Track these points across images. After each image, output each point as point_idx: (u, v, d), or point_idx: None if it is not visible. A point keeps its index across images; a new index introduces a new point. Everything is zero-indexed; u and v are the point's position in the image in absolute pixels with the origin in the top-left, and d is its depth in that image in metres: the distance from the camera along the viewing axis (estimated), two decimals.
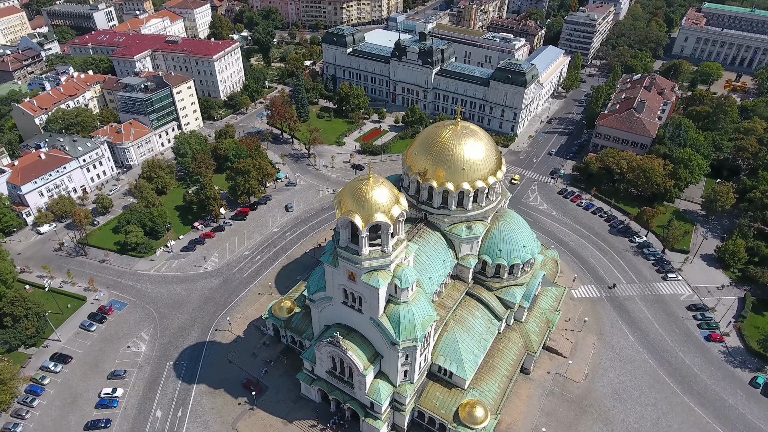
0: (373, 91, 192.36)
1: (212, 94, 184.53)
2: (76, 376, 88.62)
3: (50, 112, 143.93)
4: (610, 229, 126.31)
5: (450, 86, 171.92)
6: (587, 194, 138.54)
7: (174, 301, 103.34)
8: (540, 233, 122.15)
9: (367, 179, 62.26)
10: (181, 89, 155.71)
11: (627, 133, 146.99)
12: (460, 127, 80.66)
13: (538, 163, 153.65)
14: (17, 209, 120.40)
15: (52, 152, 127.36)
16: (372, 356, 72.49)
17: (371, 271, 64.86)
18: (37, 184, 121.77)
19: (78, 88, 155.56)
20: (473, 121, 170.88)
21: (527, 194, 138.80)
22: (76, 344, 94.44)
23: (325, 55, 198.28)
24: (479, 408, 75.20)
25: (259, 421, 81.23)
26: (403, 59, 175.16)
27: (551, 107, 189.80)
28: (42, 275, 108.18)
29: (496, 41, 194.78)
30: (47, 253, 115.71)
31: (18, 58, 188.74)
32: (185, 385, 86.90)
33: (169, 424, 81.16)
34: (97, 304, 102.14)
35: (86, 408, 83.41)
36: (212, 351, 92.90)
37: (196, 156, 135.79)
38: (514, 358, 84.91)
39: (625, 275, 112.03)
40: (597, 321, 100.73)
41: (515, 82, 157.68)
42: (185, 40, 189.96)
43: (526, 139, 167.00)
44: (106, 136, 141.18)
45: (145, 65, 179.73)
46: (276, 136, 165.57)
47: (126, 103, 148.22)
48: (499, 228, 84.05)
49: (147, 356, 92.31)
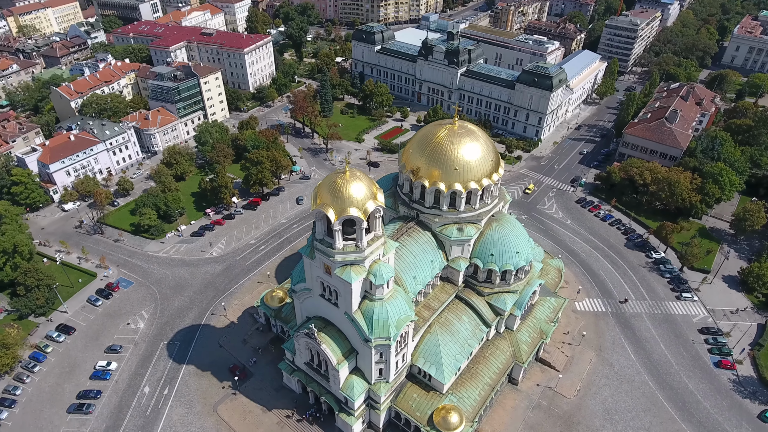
0: (399, 90, 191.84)
1: (242, 86, 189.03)
2: (77, 348, 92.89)
3: (85, 96, 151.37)
4: (627, 242, 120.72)
5: (475, 87, 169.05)
6: (607, 205, 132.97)
7: (177, 284, 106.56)
8: (550, 242, 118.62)
9: (344, 173, 61.99)
10: (208, 80, 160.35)
11: (656, 143, 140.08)
12: (457, 126, 79.18)
13: (559, 170, 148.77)
14: (45, 186, 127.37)
15: (81, 134, 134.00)
16: (347, 351, 72.16)
17: (345, 266, 64.59)
18: (64, 163, 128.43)
19: (114, 75, 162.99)
20: (497, 124, 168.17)
21: (543, 201, 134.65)
22: (81, 317, 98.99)
23: (354, 52, 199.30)
24: (455, 414, 73.57)
25: (240, 406, 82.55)
26: (430, 58, 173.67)
27: (582, 114, 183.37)
28: (59, 250, 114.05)
29: (529, 43, 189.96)
30: (68, 229, 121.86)
31: (66, 45, 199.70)
32: (175, 365, 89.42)
33: (155, 401, 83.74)
34: (105, 281, 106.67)
35: (81, 378, 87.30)
36: (205, 334, 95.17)
37: (216, 145, 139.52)
38: (500, 367, 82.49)
39: (636, 291, 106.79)
40: (598, 336, 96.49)
41: (541, 86, 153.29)
42: (219, 32, 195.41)
43: (550, 145, 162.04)
44: (135, 122, 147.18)
45: (181, 56, 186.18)
46: (297, 129, 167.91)
47: (155, 91, 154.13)
48: (493, 232, 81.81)
49: (144, 334, 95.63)
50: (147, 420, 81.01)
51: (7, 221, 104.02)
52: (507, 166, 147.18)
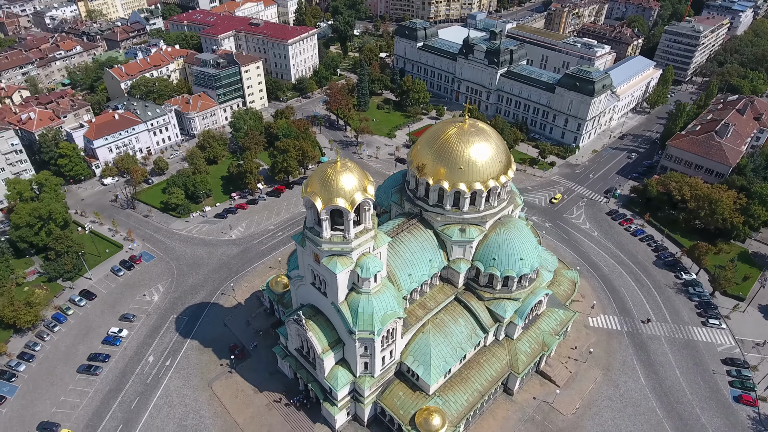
0: (438, 88, 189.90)
1: (284, 77, 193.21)
2: (95, 313, 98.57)
3: (135, 78, 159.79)
4: (656, 260, 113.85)
5: (514, 89, 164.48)
6: (640, 219, 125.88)
7: (194, 261, 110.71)
8: (571, 253, 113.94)
9: (335, 163, 62.08)
10: (249, 68, 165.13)
11: (701, 158, 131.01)
12: (468, 125, 77.40)
13: (594, 179, 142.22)
14: (89, 161, 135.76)
15: (125, 114, 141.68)
16: (334, 342, 72.40)
17: (332, 255, 64.77)
18: (107, 140, 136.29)
19: (163, 60, 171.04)
20: (534, 128, 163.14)
21: (571, 210, 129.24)
22: (103, 285, 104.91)
23: (396, 48, 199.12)
24: (437, 416, 72.20)
25: (233, 385, 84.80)
26: (470, 57, 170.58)
27: (629, 122, 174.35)
28: (93, 220, 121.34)
29: (577, 47, 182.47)
30: (104, 202, 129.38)
31: (126, 29, 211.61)
32: (180, 339, 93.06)
33: (156, 370, 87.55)
34: (130, 253, 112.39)
35: (94, 341, 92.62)
36: (212, 312, 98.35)
37: (248, 131, 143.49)
38: (494, 375, 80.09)
39: (657, 312, 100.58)
40: (608, 355, 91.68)
41: (582, 91, 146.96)
42: (267, 23, 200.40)
43: (588, 153, 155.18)
44: (177, 105, 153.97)
45: (229, 44, 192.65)
46: (332, 121, 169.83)
47: (198, 77, 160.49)
48: (498, 236, 79.35)
49: (157, 306, 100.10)
50: (146, 387, 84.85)
51: (47, 190, 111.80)
52: (538, 172, 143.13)
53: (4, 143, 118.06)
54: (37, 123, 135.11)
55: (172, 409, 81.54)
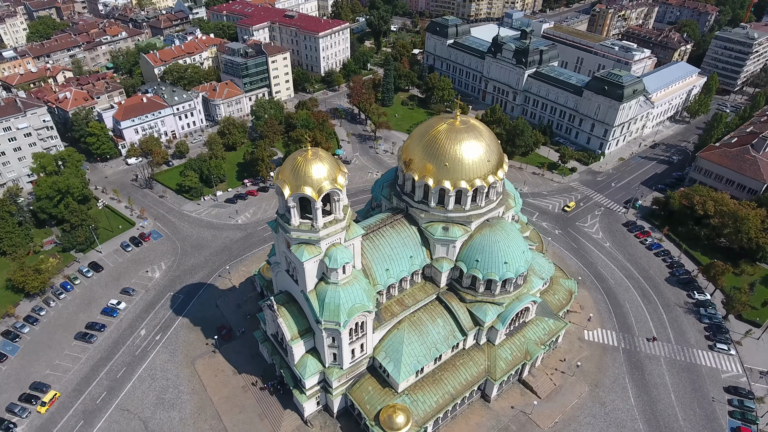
0: (466, 87, 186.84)
1: (314, 69, 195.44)
2: (100, 285, 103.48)
3: (168, 64, 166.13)
4: (670, 277, 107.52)
5: (541, 90, 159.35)
6: (658, 233, 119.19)
7: (198, 243, 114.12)
8: (577, 262, 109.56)
9: (307, 152, 62.19)
10: (276, 59, 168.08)
11: (733, 172, 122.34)
12: (459, 122, 75.61)
13: (615, 188, 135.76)
14: (116, 141, 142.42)
15: (153, 98, 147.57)
16: (304, 330, 72.70)
17: (300, 243, 65.02)
18: (134, 122, 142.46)
19: (197, 48, 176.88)
20: (560, 132, 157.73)
21: (585, 218, 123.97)
22: (111, 259, 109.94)
23: (426, 45, 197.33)
24: (402, 415, 71.24)
25: (215, 365, 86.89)
26: (498, 56, 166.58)
27: (664, 131, 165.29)
28: (113, 197, 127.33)
29: (614, 49, 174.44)
30: (126, 181, 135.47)
31: (170, 18, 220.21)
32: (173, 315, 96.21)
33: (146, 343, 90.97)
34: (140, 231, 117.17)
35: (94, 311, 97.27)
36: (207, 293, 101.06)
37: (268, 120, 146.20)
38: (468, 379, 78.10)
39: (661, 332, 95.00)
40: (598, 370, 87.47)
41: (610, 95, 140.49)
42: (301, 15, 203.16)
43: (614, 160, 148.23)
44: (204, 92, 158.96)
45: (263, 35, 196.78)
46: (354, 115, 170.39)
47: (227, 65, 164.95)
48: (483, 237, 77.16)
49: (156, 282, 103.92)
50: (134, 359, 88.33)
51: (69, 165, 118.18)
52: (557, 177, 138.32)
53: (36, 119, 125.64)
54: (71, 102, 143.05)
55: (154, 381, 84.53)
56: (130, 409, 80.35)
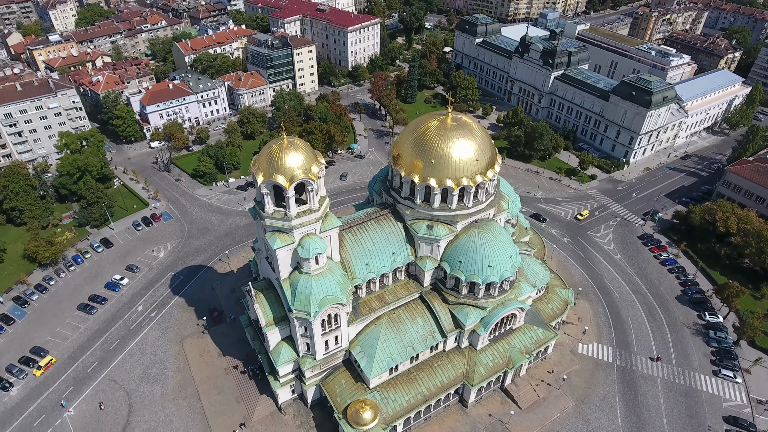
0: (492, 87, 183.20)
1: (341, 63, 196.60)
2: (107, 260, 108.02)
3: (198, 53, 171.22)
4: (681, 295, 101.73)
5: (567, 94, 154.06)
6: (675, 248, 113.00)
7: (204, 226, 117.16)
8: (581, 272, 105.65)
9: (283, 140, 62.51)
10: (301, 51, 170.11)
11: (764, 189, 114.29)
12: (450, 119, 74.07)
13: (636, 199, 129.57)
14: (141, 124, 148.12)
15: (179, 84, 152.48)
16: (280, 318, 73.16)
17: (274, 231, 65.55)
18: (159, 107, 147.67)
19: (227, 38, 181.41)
20: (584, 137, 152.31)
21: (598, 228, 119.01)
22: (122, 236, 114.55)
23: (455, 43, 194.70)
24: (369, 411, 70.67)
25: (202, 345, 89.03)
26: (525, 57, 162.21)
27: (699, 142, 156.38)
28: (132, 178, 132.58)
29: (651, 54, 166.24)
30: (147, 163, 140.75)
31: (208, 8, 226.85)
32: (170, 294, 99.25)
33: (141, 319, 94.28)
34: (153, 211, 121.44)
35: (98, 285, 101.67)
36: (205, 275, 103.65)
37: (287, 111, 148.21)
38: (444, 382, 76.61)
39: (663, 352, 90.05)
40: (587, 386, 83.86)
41: (638, 101, 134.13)
42: (332, 9, 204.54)
43: (639, 170, 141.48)
44: (230, 81, 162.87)
45: (294, 28, 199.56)
46: (375, 111, 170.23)
47: (253, 56, 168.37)
48: (468, 238, 75.36)
49: (160, 262, 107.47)
50: (128, 333, 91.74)
51: (91, 145, 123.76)
52: (574, 184, 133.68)
53: (66, 100, 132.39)
54: (103, 86, 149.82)
55: (143, 356, 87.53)
56: (116, 380, 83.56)
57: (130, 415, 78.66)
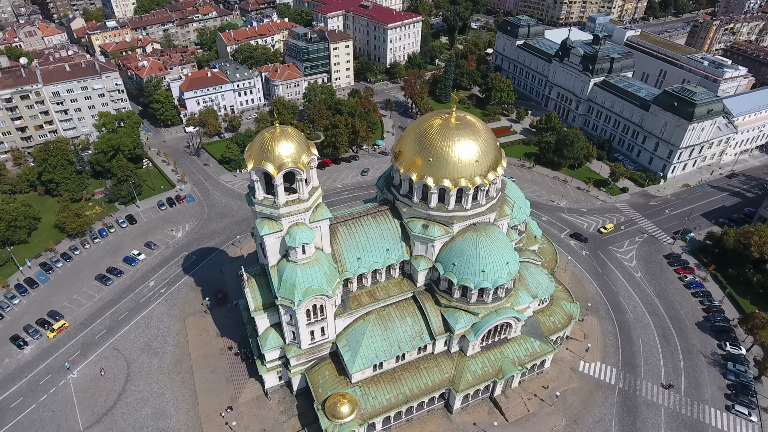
0: (530, 91, 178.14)
1: (380, 59, 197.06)
2: (129, 236, 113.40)
3: (240, 44, 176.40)
4: (703, 321, 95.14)
5: (606, 101, 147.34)
6: (704, 271, 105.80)
7: (223, 211, 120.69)
8: (595, 287, 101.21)
9: (275, 128, 63.26)
10: (338, 46, 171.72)
11: None
12: (454, 118, 72.60)
13: (668, 216, 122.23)
14: (179, 109, 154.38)
15: (217, 73, 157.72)
16: (269, 304, 74.05)
17: (263, 218, 66.53)
18: (196, 94, 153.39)
19: (270, 30, 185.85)
20: (621, 148, 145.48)
21: (622, 243, 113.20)
22: (146, 215, 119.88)
23: (496, 44, 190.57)
24: (347, 405, 70.51)
25: (202, 324, 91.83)
26: (565, 61, 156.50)
27: (750, 161, 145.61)
28: (164, 160, 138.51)
29: (703, 64, 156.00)
30: (179, 147, 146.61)
31: (258, 1, 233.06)
32: (180, 273, 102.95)
33: (150, 293, 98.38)
34: (177, 193, 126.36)
35: (117, 258, 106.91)
36: (217, 258, 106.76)
37: (317, 104, 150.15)
38: (429, 385, 75.27)
39: (674, 380, 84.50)
40: (584, 406, 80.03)
41: (680, 113, 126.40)
42: (375, 6, 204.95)
43: (677, 186, 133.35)
44: (267, 72, 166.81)
45: (337, 23, 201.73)
46: (407, 108, 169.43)
47: (291, 49, 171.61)
48: (464, 241, 73.58)
49: (177, 241, 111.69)
50: (137, 306, 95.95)
51: (126, 126, 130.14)
52: (602, 196, 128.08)
53: (109, 82, 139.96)
54: (147, 70, 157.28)
55: (147, 329, 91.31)
56: (119, 349, 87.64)
57: (127, 383, 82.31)
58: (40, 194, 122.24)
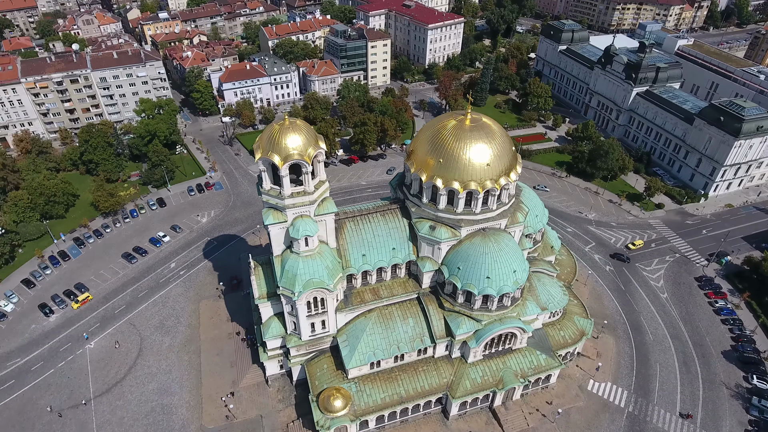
0: (570, 98, 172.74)
1: (419, 60, 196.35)
2: (157, 218, 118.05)
3: (282, 38, 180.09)
4: (730, 351, 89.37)
5: (648, 113, 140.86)
6: (738, 297, 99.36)
7: (248, 200, 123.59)
8: (617, 305, 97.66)
9: (284, 120, 64.13)
10: (376, 45, 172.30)
11: None
12: (469, 120, 71.40)
13: (705, 237, 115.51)
14: (218, 99, 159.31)
15: (256, 66, 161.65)
16: (273, 293, 75.07)
17: (269, 208, 67.64)
18: (235, 85, 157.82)
19: (311, 27, 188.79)
20: (661, 162, 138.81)
21: (650, 261, 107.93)
22: (175, 199, 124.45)
23: (539, 48, 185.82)
24: (340, 400, 70.69)
25: (214, 308, 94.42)
26: (608, 68, 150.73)
27: None
28: (198, 147, 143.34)
29: (759, 78, 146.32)
30: (214, 135, 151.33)
31: None
32: (200, 257, 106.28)
33: (171, 274, 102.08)
34: (207, 180, 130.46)
35: (144, 238, 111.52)
36: (236, 245, 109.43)
37: (349, 101, 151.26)
38: (425, 388, 74.37)
39: (691, 409, 79.81)
40: (588, 426, 76.88)
41: (725, 128, 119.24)
42: (418, 5, 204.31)
43: (719, 205, 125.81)
44: (305, 68, 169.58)
45: (379, 22, 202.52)
46: (441, 109, 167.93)
47: (329, 45, 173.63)
48: (472, 245, 72.18)
49: (201, 226, 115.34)
50: (157, 285, 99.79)
51: (164, 113, 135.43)
52: (635, 210, 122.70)
53: (153, 70, 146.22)
54: (190, 61, 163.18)
55: (163, 308, 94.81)
56: (135, 325, 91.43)
57: (138, 357, 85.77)
58: (81, 173, 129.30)
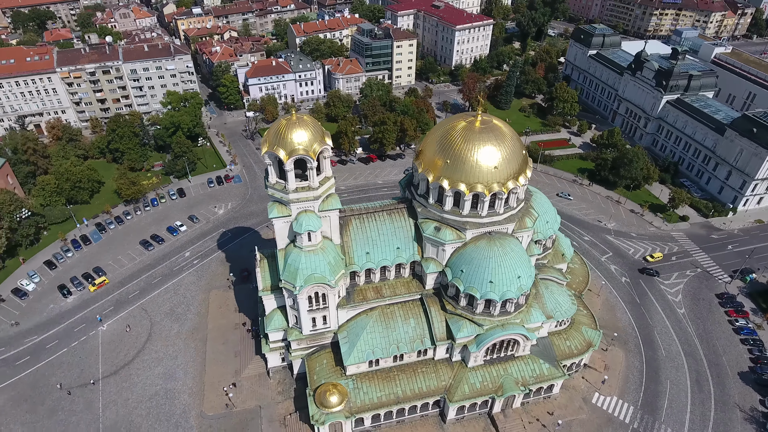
0: (599, 104, 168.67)
1: (446, 61, 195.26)
2: (176, 208, 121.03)
3: (309, 36, 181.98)
4: (748, 372, 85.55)
5: (678, 121, 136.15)
6: (760, 317, 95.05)
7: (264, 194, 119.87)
8: (630, 318, 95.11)
9: (291, 116, 64.74)
10: (402, 45, 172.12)
11: None
12: (479, 122, 70.65)
13: (731, 252, 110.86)
14: (243, 94, 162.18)
15: (282, 63, 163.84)
16: (277, 286, 75.97)
17: (274, 201, 68.45)
18: (260, 81, 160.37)
19: (339, 25, 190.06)
20: (690, 172, 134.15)
21: (669, 275, 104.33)
22: (195, 190, 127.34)
23: (568, 53, 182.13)
24: (336, 396, 70.98)
25: (224, 298, 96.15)
26: (638, 75, 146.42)
27: None
28: (221, 141, 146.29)
29: None
30: (237, 129, 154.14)
31: None
32: (214, 247, 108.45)
33: (184, 263, 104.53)
34: (227, 173, 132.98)
35: (162, 227, 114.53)
36: (250, 238, 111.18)
37: (371, 100, 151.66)
38: (423, 390, 73.91)
39: (699, 430, 76.79)
40: None
41: (758, 140, 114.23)
42: (447, 6, 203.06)
43: (748, 220, 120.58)
44: (330, 65, 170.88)
45: (407, 22, 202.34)
46: (463, 110, 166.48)
47: (355, 44, 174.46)
48: (476, 248, 71.33)
49: (217, 218, 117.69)
50: (171, 272, 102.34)
51: (189, 105, 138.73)
52: (658, 222, 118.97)
53: (181, 64, 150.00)
54: (219, 56, 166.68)
55: (174, 295, 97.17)
56: (147, 310, 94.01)
57: (148, 342, 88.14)
58: (108, 161, 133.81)
